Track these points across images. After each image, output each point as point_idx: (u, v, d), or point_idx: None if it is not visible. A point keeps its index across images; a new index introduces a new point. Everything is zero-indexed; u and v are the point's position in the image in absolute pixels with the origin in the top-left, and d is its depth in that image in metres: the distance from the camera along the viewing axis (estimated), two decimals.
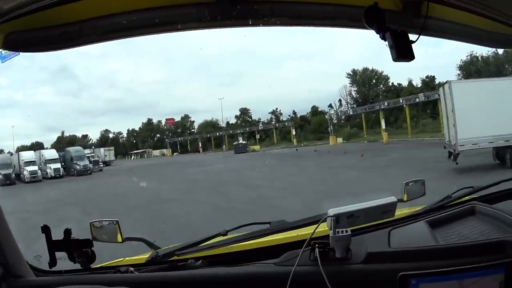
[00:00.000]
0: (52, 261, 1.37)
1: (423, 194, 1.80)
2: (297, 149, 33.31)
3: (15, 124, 47.93)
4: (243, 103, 45.44)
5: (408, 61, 1.40)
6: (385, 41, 1.35)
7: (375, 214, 1.43)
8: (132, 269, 1.41)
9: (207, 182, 16.71)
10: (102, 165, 31.54)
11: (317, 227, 1.36)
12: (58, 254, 1.37)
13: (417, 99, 31.97)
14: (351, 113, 38.91)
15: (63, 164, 28.12)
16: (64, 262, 1.38)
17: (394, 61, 1.37)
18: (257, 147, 39.19)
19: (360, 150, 23.48)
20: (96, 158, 31.85)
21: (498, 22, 1.33)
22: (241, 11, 1.39)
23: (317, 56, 55.87)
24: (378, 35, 1.35)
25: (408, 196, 1.75)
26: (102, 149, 37.46)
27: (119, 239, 1.53)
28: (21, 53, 1.41)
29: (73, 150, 29.66)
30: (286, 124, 43.15)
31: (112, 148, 38.83)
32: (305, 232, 1.51)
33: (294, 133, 41.24)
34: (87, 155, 30.74)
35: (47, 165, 27.05)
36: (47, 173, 26.70)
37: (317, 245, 1.35)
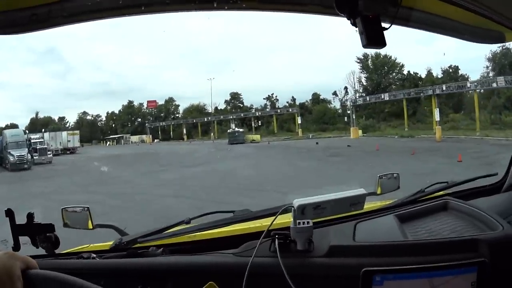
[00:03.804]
0: (16, 246, 1.36)
1: (398, 187, 1.82)
2: (317, 143, 26.41)
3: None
4: (233, 90, 40.00)
5: (379, 48, 1.40)
6: (356, 27, 1.34)
7: (343, 206, 1.40)
8: (94, 255, 1.43)
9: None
10: (51, 154, 24.16)
11: (275, 218, 1.37)
12: (25, 239, 1.36)
13: (494, 84, 25.84)
14: (387, 98, 33.04)
15: None
16: (31, 247, 1.35)
17: (364, 48, 1.37)
18: (257, 136, 32.90)
19: (420, 148, 17.13)
20: (44, 146, 24.31)
21: (480, 16, 1.37)
22: None
23: (312, 45, 52.31)
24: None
25: (382, 189, 1.76)
26: (64, 133, 31.12)
27: (90, 225, 1.59)
28: None
29: (9, 134, 22.23)
30: (290, 110, 36.92)
31: (77, 132, 32.46)
32: (269, 222, 1.45)
33: (299, 121, 35.08)
34: (36, 141, 23.48)
35: None
36: None
37: (277, 236, 1.34)
